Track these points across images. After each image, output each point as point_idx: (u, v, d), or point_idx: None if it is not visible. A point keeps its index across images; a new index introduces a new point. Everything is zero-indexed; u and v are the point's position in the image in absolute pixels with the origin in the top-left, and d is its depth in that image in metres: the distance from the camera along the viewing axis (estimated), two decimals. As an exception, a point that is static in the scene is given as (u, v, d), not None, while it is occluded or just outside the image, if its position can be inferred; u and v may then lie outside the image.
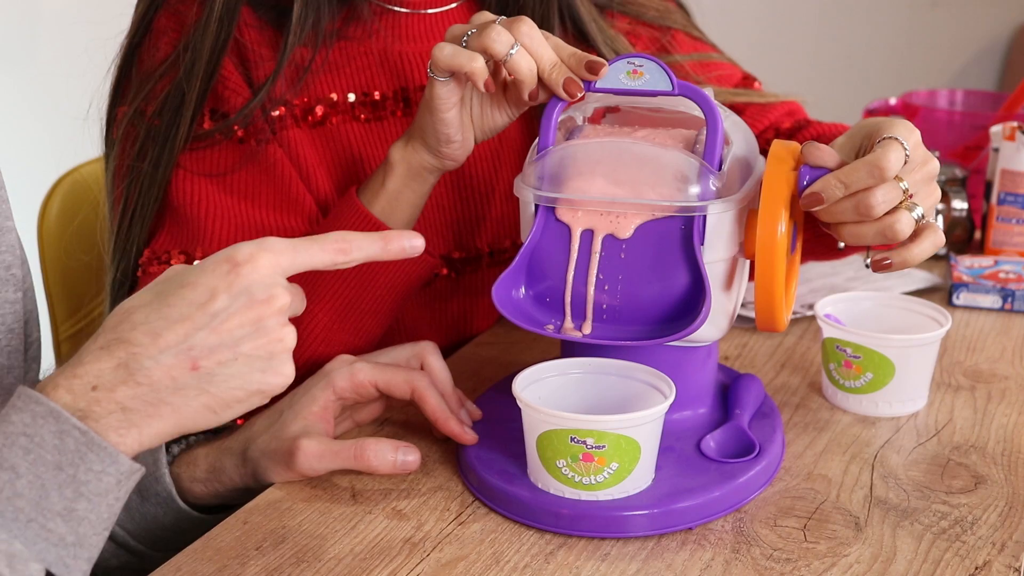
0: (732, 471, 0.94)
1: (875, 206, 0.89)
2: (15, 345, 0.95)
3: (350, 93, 1.15)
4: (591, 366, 0.96)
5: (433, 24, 1.19)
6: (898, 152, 0.89)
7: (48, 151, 1.58)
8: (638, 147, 0.93)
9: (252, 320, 0.73)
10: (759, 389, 1.05)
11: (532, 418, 0.90)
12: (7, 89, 2.31)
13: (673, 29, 1.29)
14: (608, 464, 0.89)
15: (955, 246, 1.51)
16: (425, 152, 1.04)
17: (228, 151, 1.10)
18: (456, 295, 1.23)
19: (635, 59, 0.94)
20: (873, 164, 0.88)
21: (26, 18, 2.34)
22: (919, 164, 0.93)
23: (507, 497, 0.92)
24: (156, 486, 1.01)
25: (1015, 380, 1.16)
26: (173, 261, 1.09)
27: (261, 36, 1.12)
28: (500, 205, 1.22)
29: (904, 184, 0.90)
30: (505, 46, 0.95)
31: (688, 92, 0.93)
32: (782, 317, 0.95)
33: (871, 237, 0.92)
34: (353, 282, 1.08)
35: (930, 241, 0.93)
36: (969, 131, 1.61)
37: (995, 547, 0.89)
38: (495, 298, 0.92)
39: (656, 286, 0.92)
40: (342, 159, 1.14)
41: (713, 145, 0.92)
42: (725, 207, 0.92)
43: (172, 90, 1.08)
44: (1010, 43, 3.81)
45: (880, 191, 0.89)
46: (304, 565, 0.87)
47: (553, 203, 0.93)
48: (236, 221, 1.10)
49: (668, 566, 0.87)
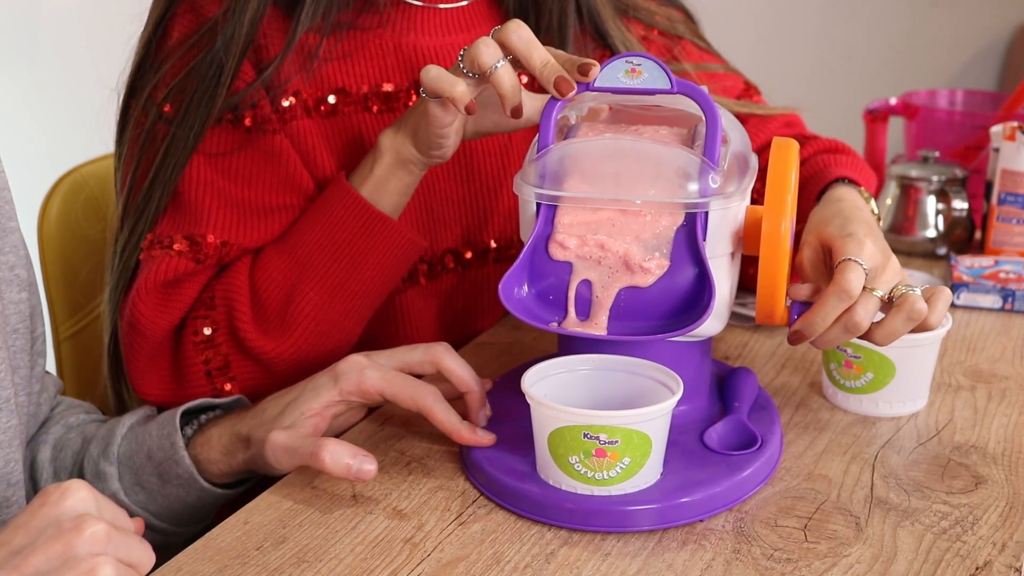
0: (737, 463, 0.95)
1: (860, 322, 0.95)
2: (20, 345, 0.95)
3: (362, 84, 1.15)
4: (598, 362, 0.97)
5: (447, 18, 1.19)
6: (857, 271, 0.96)
7: (48, 151, 1.59)
8: (639, 145, 0.94)
9: (59, 553, 0.68)
10: (754, 382, 1.07)
11: (543, 415, 0.90)
12: (7, 89, 2.30)
13: (683, 39, 1.30)
14: (621, 459, 0.89)
15: (955, 246, 1.51)
16: (413, 148, 1.06)
17: (235, 138, 1.11)
18: (461, 290, 1.23)
19: (634, 58, 0.94)
20: (839, 292, 0.95)
21: (26, 18, 2.34)
22: (881, 267, 0.99)
23: (517, 494, 0.93)
24: (176, 468, 1.02)
25: (1015, 380, 1.16)
26: (176, 246, 1.10)
27: (273, 25, 1.12)
28: (508, 200, 1.22)
29: (878, 292, 0.96)
30: (491, 59, 0.96)
31: (687, 90, 0.94)
32: (782, 310, 0.98)
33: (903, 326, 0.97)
34: (342, 263, 1.09)
35: (943, 300, 0.99)
36: (969, 131, 1.61)
37: (995, 547, 0.89)
38: (502, 295, 0.92)
39: (659, 282, 0.93)
40: (352, 149, 1.15)
41: (713, 142, 0.93)
42: (727, 203, 0.93)
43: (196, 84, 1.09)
44: (1010, 43, 3.81)
45: (859, 308, 0.95)
46: (304, 565, 0.87)
47: (554, 201, 0.94)
48: (237, 206, 1.11)
49: (669, 566, 0.87)
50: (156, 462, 1.03)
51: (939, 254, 1.51)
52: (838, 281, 0.95)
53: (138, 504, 1.05)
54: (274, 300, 1.09)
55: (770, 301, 0.96)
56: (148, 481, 1.04)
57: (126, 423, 1.06)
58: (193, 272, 1.10)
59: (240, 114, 1.10)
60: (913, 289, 0.97)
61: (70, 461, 1.07)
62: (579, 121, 1.00)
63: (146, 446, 1.04)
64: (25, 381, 0.96)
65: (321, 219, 1.09)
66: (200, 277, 1.11)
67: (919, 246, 1.52)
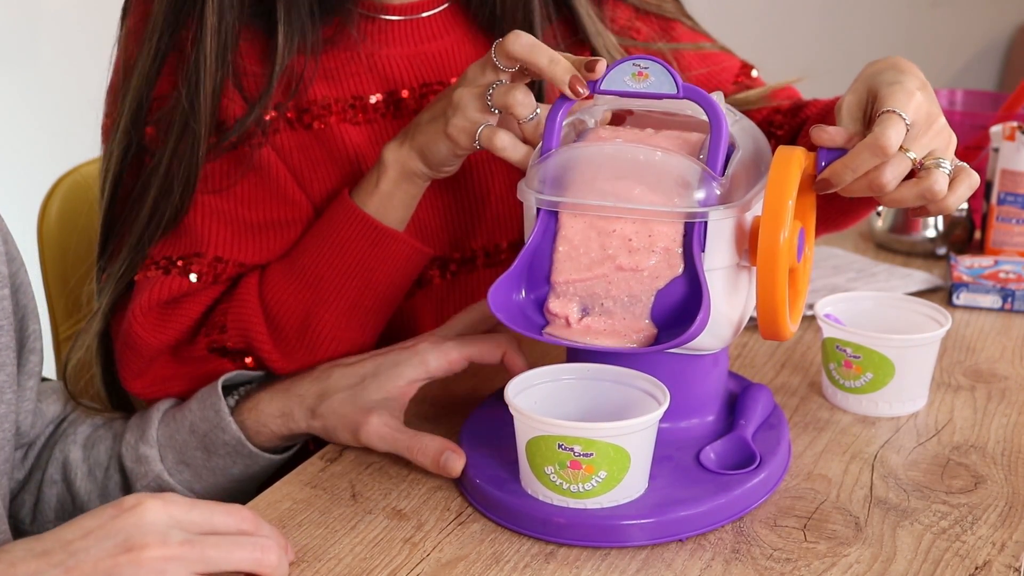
0: (728, 483, 0.92)
1: (886, 184, 0.91)
2: (4, 342, 0.95)
3: (340, 96, 1.15)
4: (585, 372, 0.95)
5: (419, 27, 1.19)
6: (898, 127, 0.91)
7: (48, 151, 1.59)
8: (640, 152, 0.91)
9: (109, 567, 0.70)
10: (768, 399, 1.03)
11: (522, 423, 0.89)
12: (7, 89, 2.31)
13: (673, 20, 1.29)
14: (597, 472, 0.87)
15: (955, 246, 1.51)
16: (420, 163, 1.06)
17: (222, 157, 1.10)
18: (452, 297, 1.23)
19: (640, 61, 0.92)
20: (874, 146, 0.90)
21: (26, 18, 2.34)
22: (923, 128, 0.94)
23: (498, 503, 0.91)
24: (223, 435, 1.04)
25: (1015, 380, 1.16)
26: (173, 268, 1.09)
27: (252, 48, 1.11)
28: (495, 206, 1.22)
29: (912, 155, 0.92)
30: (528, 110, 0.97)
31: (693, 95, 0.91)
32: (785, 326, 0.93)
33: (912, 199, 0.94)
34: (354, 282, 1.09)
35: (966, 185, 0.95)
36: (969, 131, 1.61)
37: (995, 547, 0.89)
38: (490, 302, 0.91)
39: (659, 293, 0.90)
40: (336, 161, 1.14)
41: (716, 149, 0.90)
42: (726, 213, 0.90)
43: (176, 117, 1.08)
44: (1010, 43, 3.81)
45: (888, 169, 0.91)
46: (304, 565, 0.87)
47: (554, 207, 0.92)
48: (229, 222, 1.10)
49: (668, 565, 0.87)
50: (201, 434, 1.05)
51: (939, 254, 1.51)
52: (876, 135, 0.90)
53: (183, 484, 1.06)
54: (291, 324, 1.10)
55: (771, 317, 0.91)
56: (192, 457, 1.05)
57: (161, 408, 1.09)
58: (189, 291, 1.10)
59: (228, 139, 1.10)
60: (942, 164, 0.93)
61: (104, 456, 1.08)
62: (597, 125, 0.98)
63: (187, 421, 1.06)
64: (11, 379, 0.96)
65: (329, 240, 1.09)
66: (199, 297, 1.10)
67: (919, 246, 1.52)
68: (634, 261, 0.90)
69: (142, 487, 1.06)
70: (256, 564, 0.75)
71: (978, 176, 0.96)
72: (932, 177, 0.93)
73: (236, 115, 1.10)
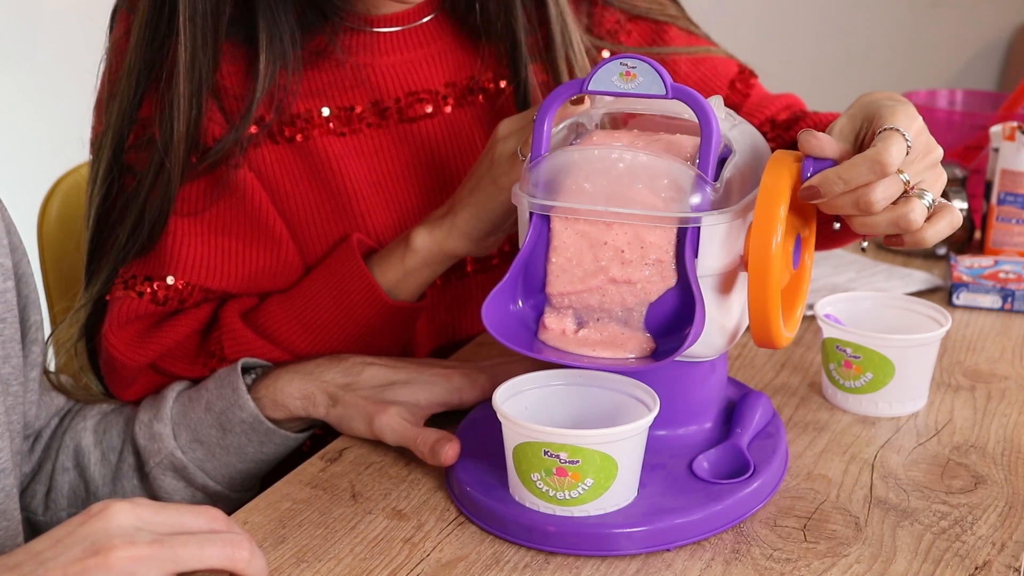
0: (720, 492, 0.90)
1: (875, 203, 0.86)
2: (9, 334, 0.95)
3: (324, 108, 1.14)
4: (573, 377, 0.94)
5: (406, 37, 1.18)
6: (900, 145, 0.86)
7: (48, 151, 1.58)
8: (632, 156, 0.89)
9: (78, 571, 0.69)
10: (766, 407, 1.02)
11: (508, 429, 0.88)
12: (7, 89, 2.31)
13: (666, 23, 1.27)
14: (583, 480, 0.86)
15: (955, 246, 1.51)
16: (465, 241, 1.07)
17: (200, 179, 1.10)
18: (443, 304, 1.23)
19: (628, 60, 0.89)
20: (874, 160, 0.85)
21: (26, 18, 2.35)
22: (922, 153, 0.90)
23: (487, 510, 0.91)
24: (240, 413, 1.05)
25: (1015, 380, 1.17)
26: (138, 287, 1.10)
27: (235, 67, 1.11)
28: None
29: (905, 177, 0.87)
30: None
31: (682, 95, 0.88)
32: (778, 335, 0.90)
33: (884, 227, 0.89)
34: (359, 341, 1.12)
35: (946, 221, 0.91)
36: (969, 131, 1.61)
37: (995, 547, 0.89)
38: (484, 317, 0.89)
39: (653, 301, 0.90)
40: (317, 174, 1.14)
41: (707, 152, 0.87)
42: (720, 218, 0.88)
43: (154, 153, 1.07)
44: (1010, 43, 3.81)
45: (880, 187, 0.86)
46: (304, 565, 0.87)
47: (546, 211, 0.91)
48: (204, 249, 1.11)
49: (668, 566, 0.87)
50: (217, 412, 1.05)
51: (939, 254, 1.51)
52: (879, 150, 0.85)
53: (195, 463, 1.07)
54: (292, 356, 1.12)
55: (763, 326, 0.89)
56: (207, 435, 1.06)
57: (175, 388, 1.10)
58: (160, 314, 1.11)
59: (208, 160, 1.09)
60: (924, 195, 0.89)
61: (117, 440, 1.09)
62: (596, 127, 0.97)
63: (203, 400, 1.07)
64: (17, 370, 0.96)
65: (339, 302, 1.10)
66: (178, 323, 1.11)
67: (919, 246, 1.52)
68: (627, 273, 0.90)
69: (155, 465, 1.07)
70: (228, 560, 0.73)
71: (960, 217, 0.91)
72: (909, 205, 0.88)
73: (216, 135, 1.09)
